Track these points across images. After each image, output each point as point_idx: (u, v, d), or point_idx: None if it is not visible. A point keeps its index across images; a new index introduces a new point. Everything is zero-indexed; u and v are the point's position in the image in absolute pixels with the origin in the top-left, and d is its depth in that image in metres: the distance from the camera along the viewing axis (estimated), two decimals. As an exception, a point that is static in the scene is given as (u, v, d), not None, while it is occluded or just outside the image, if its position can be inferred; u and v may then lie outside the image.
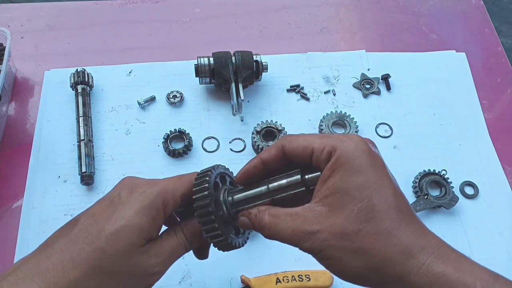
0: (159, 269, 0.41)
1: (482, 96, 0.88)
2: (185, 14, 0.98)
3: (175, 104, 0.83)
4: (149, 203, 0.41)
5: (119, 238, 0.39)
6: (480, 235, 0.72)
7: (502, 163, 0.80)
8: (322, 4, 1.01)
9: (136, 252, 0.39)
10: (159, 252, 0.41)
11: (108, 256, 0.38)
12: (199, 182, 0.43)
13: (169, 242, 0.43)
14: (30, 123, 0.81)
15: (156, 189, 0.42)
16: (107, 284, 0.39)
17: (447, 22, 1.00)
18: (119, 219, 0.39)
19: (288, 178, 0.44)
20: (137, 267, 0.40)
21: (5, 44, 0.80)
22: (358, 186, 0.36)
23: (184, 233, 0.44)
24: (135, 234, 0.39)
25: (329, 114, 0.82)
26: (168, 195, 0.42)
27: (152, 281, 0.42)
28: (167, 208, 0.42)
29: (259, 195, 0.45)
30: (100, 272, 0.38)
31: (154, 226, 0.41)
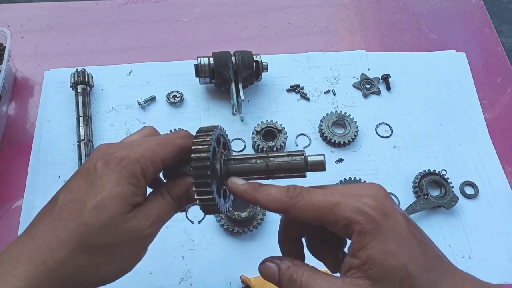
0: (151, 231, 0.40)
1: (482, 96, 0.88)
2: (185, 14, 0.98)
3: (175, 104, 0.83)
4: (128, 172, 0.39)
5: (102, 209, 0.38)
6: (480, 235, 0.72)
7: (502, 163, 0.80)
8: (322, 4, 1.01)
9: (122, 220, 0.38)
10: (148, 215, 0.40)
11: (94, 229, 0.37)
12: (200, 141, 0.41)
13: (157, 205, 0.42)
14: (30, 123, 0.81)
15: (133, 156, 0.40)
16: (99, 257, 0.38)
17: (447, 22, 1.00)
18: (100, 191, 0.38)
19: (290, 160, 0.43)
20: (127, 234, 0.39)
21: (5, 44, 0.80)
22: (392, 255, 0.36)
23: (171, 195, 0.43)
24: (118, 202, 0.38)
25: (329, 114, 0.82)
26: (148, 162, 0.40)
27: (146, 244, 0.41)
28: (148, 175, 0.41)
29: (256, 171, 0.43)
30: (89, 247, 0.37)
31: (136, 192, 0.40)
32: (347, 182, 0.75)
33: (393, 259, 0.35)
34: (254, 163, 0.43)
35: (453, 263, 0.41)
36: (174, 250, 0.69)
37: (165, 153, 0.42)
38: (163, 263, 0.68)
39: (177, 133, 0.44)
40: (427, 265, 0.36)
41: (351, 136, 0.80)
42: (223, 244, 0.70)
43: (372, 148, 0.81)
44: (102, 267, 0.39)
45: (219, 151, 0.44)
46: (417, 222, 0.72)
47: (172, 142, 0.43)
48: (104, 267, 0.39)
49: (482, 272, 0.69)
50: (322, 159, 0.42)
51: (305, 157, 0.42)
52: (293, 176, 0.44)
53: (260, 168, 0.43)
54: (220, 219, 0.70)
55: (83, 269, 0.38)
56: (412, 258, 0.36)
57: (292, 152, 0.43)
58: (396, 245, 0.36)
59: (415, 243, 0.37)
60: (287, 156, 0.43)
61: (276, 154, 0.43)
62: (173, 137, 0.43)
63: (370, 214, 0.36)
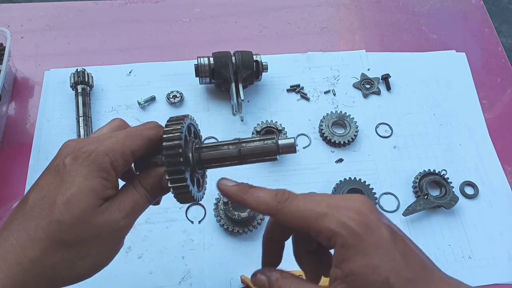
0: (125, 223, 0.40)
1: (482, 96, 0.88)
2: (185, 14, 0.98)
3: (175, 104, 0.83)
4: (97, 166, 0.39)
5: (73, 205, 0.37)
6: (480, 235, 0.72)
7: (502, 163, 0.80)
8: (322, 4, 1.01)
9: (94, 214, 0.38)
10: (121, 207, 0.40)
11: (66, 226, 0.37)
12: (171, 130, 0.41)
13: (130, 196, 0.41)
14: (30, 123, 0.81)
15: (102, 150, 0.40)
16: (73, 253, 0.38)
17: (447, 22, 1.00)
18: (69, 187, 0.38)
19: (262, 144, 0.43)
20: (100, 228, 0.39)
21: (5, 44, 0.80)
22: (374, 269, 0.36)
23: (144, 186, 0.42)
24: (89, 197, 0.38)
25: (329, 114, 0.82)
26: (117, 155, 0.40)
27: (120, 237, 0.41)
28: (118, 168, 0.40)
29: (228, 157, 0.44)
30: (62, 244, 0.37)
31: (107, 185, 0.39)
32: (347, 182, 0.75)
33: (375, 273, 0.36)
34: (227, 149, 0.44)
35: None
36: (174, 250, 0.69)
37: (134, 145, 0.41)
38: (163, 263, 0.68)
39: (146, 124, 0.44)
40: (410, 276, 0.37)
41: (351, 136, 0.80)
42: (223, 244, 0.70)
43: (372, 148, 0.81)
44: (78, 263, 0.39)
45: (190, 139, 0.44)
46: (417, 222, 0.73)
47: (141, 134, 0.42)
48: (79, 263, 0.39)
49: (482, 272, 0.69)
50: (292, 141, 0.43)
51: (276, 140, 0.43)
52: (265, 159, 0.44)
53: (233, 154, 0.44)
54: (220, 219, 0.70)
55: (59, 266, 0.38)
56: (395, 271, 0.36)
57: (263, 137, 0.44)
58: (378, 259, 0.36)
59: (399, 256, 0.37)
60: (259, 140, 0.44)
61: (248, 139, 0.44)
62: (142, 128, 0.43)
63: (353, 228, 0.37)
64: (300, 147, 0.80)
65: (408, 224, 0.73)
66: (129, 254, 0.68)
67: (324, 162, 0.79)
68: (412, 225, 0.73)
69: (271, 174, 0.76)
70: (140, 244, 0.69)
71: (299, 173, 0.77)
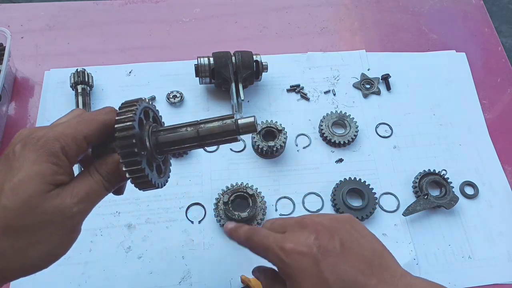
0: (78, 209, 0.39)
1: (482, 96, 0.88)
2: (185, 14, 0.98)
3: (175, 104, 0.83)
4: (45, 151, 0.38)
5: (19, 190, 0.36)
6: (480, 235, 0.72)
7: (502, 163, 0.80)
8: (322, 4, 1.01)
9: (43, 199, 0.37)
10: (74, 193, 0.39)
11: (13, 211, 0.36)
12: (123, 117, 0.39)
13: (84, 182, 0.40)
14: (30, 123, 0.81)
15: (51, 135, 0.39)
16: (22, 240, 0.37)
17: (447, 22, 1.00)
18: (16, 173, 0.37)
19: (220, 123, 0.42)
20: (50, 213, 0.37)
21: (5, 44, 0.80)
22: None
23: (100, 172, 0.41)
24: (36, 181, 0.37)
25: (329, 114, 0.82)
26: (68, 139, 0.39)
27: (74, 223, 0.40)
28: (70, 153, 0.39)
29: (187, 139, 0.42)
30: (10, 230, 0.36)
31: (58, 171, 0.38)
32: (347, 182, 0.75)
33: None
34: (185, 131, 0.43)
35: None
36: (174, 250, 0.69)
37: (87, 130, 0.40)
38: (163, 263, 0.68)
39: (101, 109, 0.43)
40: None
41: (351, 136, 0.80)
42: (223, 244, 0.70)
43: (372, 148, 0.81)
44: (28, 250, 0.38)
45: (147, 123, 0.43)
46: (417, 222, 0.73)
47: (95, 118, 0.41)
48: (30, 250, 0.38)
49: (482, 272, 0.69)
50: (252, 120, 0.42)
51: (235, 120, 0.42)
52: (226, 140, 0.43)
53: (191, 136, 0.42)
54: (220, 219, 0.70)
55: (7, 253, 0.37)
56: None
57: (222, 116, 0.43)
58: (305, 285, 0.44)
59: (321, 281, 0.44)
60: (218, 120, 0.43)
61: (207, 119, 0.43)
62: (96, 113, 0.42)
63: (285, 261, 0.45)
64: (300, 147, 0.80)
65: (408, 224, 0.73)
66: (129, 254, 0.68)
67: (324, 162, 0.79)
68: (412, 225, 0.73)
69: (271, 174, 0.76)
70: (140, 244, 0.69)
71: (299, 173, 0.77)
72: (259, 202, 0.71)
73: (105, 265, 0.67)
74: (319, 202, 0.74)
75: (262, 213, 0.71)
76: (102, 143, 0.42)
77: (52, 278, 0.66)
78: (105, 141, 0.42)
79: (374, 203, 0.73)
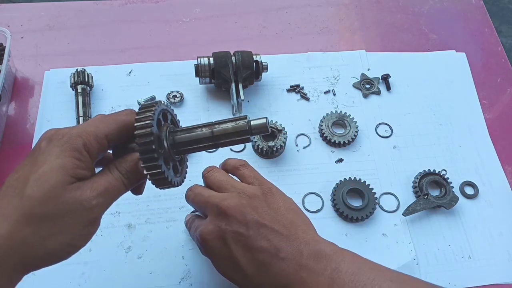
0: (98, 202, 0.41)
1: (482, 96, 0.88)
2: (185, 14, 0.98)
3: (175, 104, 0.83)
4: (68, 146, 0.41)
5: (43, 181, 0.39)
6: (480, 235, 0.72)
7: (502, 163, 0.80)
8: (322, 4, 1.01)
9: (65, 190, 0.40)
10: (93, 187, 0.41)
11: (36, 200, 0.38)
12: (142, 117, 0.42)
13: (104, 178, 0.43)
14: (30, 123, 0.81)
15: (75, 132, 0.42)
16: (43, 228, 0.39)
17: (447, 22, 1.00)
18: (41, 165, 0.40)
19: (234, 124, 0.44)
20: (71, 204, 0.40)
21: (5, 44, 0.80)
22: None
23: (119, 170, 0.44)
24: (59, 173, 0.39)
25: (329, 114, 0.82)
26: (90, 137, 0.42)
27: (92, 216, 0.42)
28: (92, 150, 0.42)
29: (202, 139, 0.45)
30: (33, 218, 0.38)
31: (79, 165, 0.41)
32: (347, 182, 0.75)
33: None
34: (200, 131, 0.45)
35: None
36: (174, 250, 0.69)
37: (109, 129, 0.43)
38: (163, 263, 0.68)
39: (122, 111, 0.46)
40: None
41: (351, 136, 0.80)
42: (223, 244, 0.70)
43: (372, 148, 0.81)
44: (50, 239, 0.39)
45: (165, 125, 0.45)
46: (417, 222, 0.73)
47: (116, 118, 0.44)
48: (51, 239, 0.39)
49: (482, 272, 0.69)
50: (264, 121, 0.45)
51: (248, 121, 0.45)
52: (239, 140, 0.45)
53: (206, 136, 0.45)
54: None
55: (29, 241, 0.38)
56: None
57: (236, 117, 0.45)
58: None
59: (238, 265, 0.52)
60: (231, 121, 0.45)
61: (221, 120, 0.45)
62: (117, 114, 0.45)
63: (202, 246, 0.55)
64: (300, 147, 0.80)
65: (408, 224, 0.73)
66: (129, 254, 0.68)
67: (324, 162, 0.79)
68: (412, 225, 0.73)
69: (271, 174, 0.76)
70: (140, 244, 0.69)
71: (299, 173, 0.77)
72: (259, 202, 0.71)
73: (105, 265, 0.67)
74: (319, 202, 0.75)
75: (262, 213, 0.71)
76: (122, 143, 0.45)
77: (52, 278, 0.66)
78: (125, 141, 0.45)
79: (374, 203, 0.73)
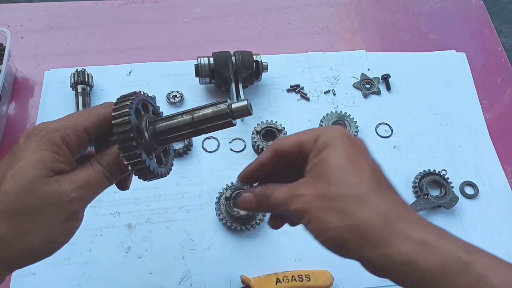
0: (77, 195, 0.40)
1: (482, 96, 0.88)
2: (185, 14, 0.98)
3: (175, 104, 0.83)
4: (46, 140, 0.40)
5: (20, 175, 0.38)
6: (480, 235, 0.72)
7: (502, 163, 0.80)
8: (322, 4, 1.01)
9: (42, 183, 0.39)
10: (72, 180, 0.40)
11: (13, 195, 0.38)
12: (119, 107, 0.41)
13: (84, 171, 0.42)
14: (30, 123, 0.81)
15: (52, 126, 0.41)
16: (22, 224, 0.38)
17: (447, 22, 1.00)
18: (18, 161, 0.39)
19: (214, 108, 0.43)
20: (49, 198, 0.39)
21: (5, 44, 0.80)
22: (336, 158, 0.41)
23: (100, 163, 0.43)
24: (36, 167, 0.39)
25: (329, 114, 0.82)
26: (68, 130, 0.41)
27: (74, 209, 0.41)
28: (70, 143, 0.41)
29: (183, 125, 0.44)
30: (9, 213, 0.38)
31: (58, 159, 0.40)
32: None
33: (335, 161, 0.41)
34: (180, 118, 0.44)
35: None
36: (174, 250, 0.69)
37: (87, 122, 0.42)
38: (163, 263, 0.68)
39: (101, 104, 0.45)
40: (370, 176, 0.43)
41: (351, 136, 0.80)
42: (223, 244, 0.70)
43: (372, 148, 0.80)
44: (29, 235, 0.39)
45: (145, 115, 0.44)
46: (417, 222, 0.73)
47: (94, 111, 0.43)
48: (30, 235, 0.39)
49: (482, 272, 0.69)
50: (246, 103, 0.43)
51: (229, 104, 0.43)
52: (221, 125, 0.45)
53: (186, 122, 0.44)
54: (220, 213, 0.70)
55: (7, 238, 0.38)
56: (355, 164, 0.42)
57: (216, 101, 0.44)
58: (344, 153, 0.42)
59: (366, 160, 0.44)
60: (212, 105, 0.44)
61: (201, 106, 0.44)
62: (95, 107, 0.44)
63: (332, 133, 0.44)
64: (300, 147, 0.80)
65: (408, 224, 0.73)
66: (129, 254, 0.68)
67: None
68: (412, 225, 0.73)
69: (271, 174, 0.76)
70: (140, 244, 0.69)
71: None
72: (259, 202, 0.71)
73: (105, 265, 0.67)
74: (319, 202, 0.74)
75: (262, 214, 0.71)
76: (104, 137, 0.44)
77: (52, 278, 0.66)
78: (107, 135, 0.44)
79: (374, 203, 0.73)
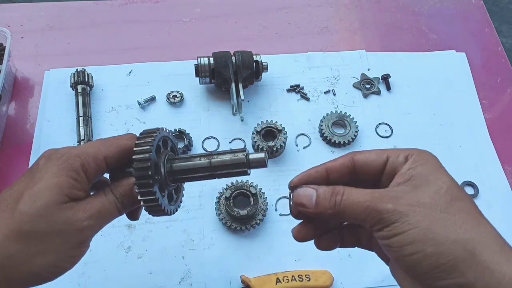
0: (89, 224, 0.40)
1: (482, 96, 0.88)
2: (185, 14, 0.98)
3: (175, 104, 0.83)
4: (66, 165, 0.40)
5: (37, 198, 0.38)
6: (480, 235, 0.72)
7: (502, 163, 0.80)
8: (322, 4, 1.01)
9: (57, 209, 0.39)
10: (86, 208, 0.41)
11: (27, 216, 0.38)
12: (141, 142, 0.42)
13: (98, 200, 0.42)
14: (30, 123, 0.81)
15: (74, 152, 0.41)
16: (32, 246, 0.38)
17: (447, 22, 1.00)
18: (36, 182, 0.39)
19: (232, 156, 0.44)
20: (61, 224, 0.39)
21: (5, 44, 0.80)
22: (438, 176, 0.39)
23: (114, 193, 0.43)
24: (54, 192, 0.39)
25: (329, 114, 0.82)
26: (89, 158, 0.41)
27: (82, 237, 0.41)
28: (89, 171, 0.41)
29: (199, 168, 0.44)
30: (21, 234, 0.38)
31: (75, 185, 0.40)
32: (347, 182, 0.75)
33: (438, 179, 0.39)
34: (198, 161, 0.44)
35: None
36: (174, 250, 0.69)
37: (108, 151, 0.43)
38: (163, 263, 0.68)
39: (123, 135, 0.45)
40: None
41: (351, 136, 0.80)
42: (223, 244, 0.70)
43: (372, 148, 0.81)
44: (36, 258, 0.39)
45: (164, 152, 0.45)
46: (417, 222, 0.73)
47: (116, 142, 0.44)
48: (38, 259, 0.39)
49: (482, 272, 0.69)
50: (263, 156, 0.44)
51: (247, 154, 0.44)
52: (236, 173, 0.45)
53: (203, 165, 0.44)
54: (220, 213, 0.70)
55: (16, 258, 0.38)
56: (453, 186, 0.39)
57: (234, 149, 0.44)
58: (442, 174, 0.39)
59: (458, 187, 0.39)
60: (230, 153, 0.44)
61: (220, 151, 0.45)
62: (118, 137, 0.45)
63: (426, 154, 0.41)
64: (300, 147, 0.80)
65: (408, 224, 0.73)
66: (129, 254, 0.68)
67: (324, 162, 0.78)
68: (412, 225, 0.73)
69: (271, 174, 0.76)
70: (140, 244, 0.69)
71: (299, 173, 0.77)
72: (260, 202, 0.71)
73: (105, 265, 0.67)
74: (319, 202, 0.74)
75: (262, 214, 0.71)
76: (120, 167, 0.45)
77: (52, 278, 0.66)
78: (123, 165, 0.45)
79: (374, 203, 0.72)
